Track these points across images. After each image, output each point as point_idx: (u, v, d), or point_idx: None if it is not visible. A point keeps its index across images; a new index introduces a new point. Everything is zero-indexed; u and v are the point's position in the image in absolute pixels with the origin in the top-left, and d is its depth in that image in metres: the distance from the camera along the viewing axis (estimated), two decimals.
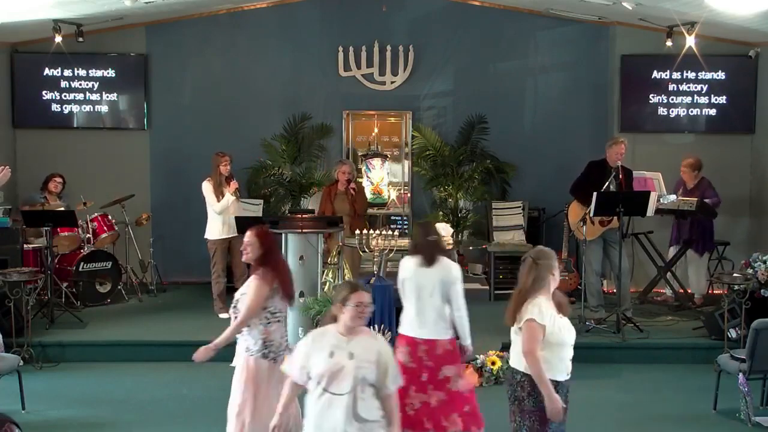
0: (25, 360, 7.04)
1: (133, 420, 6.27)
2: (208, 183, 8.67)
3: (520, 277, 4.46)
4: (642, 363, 7.63)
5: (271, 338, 4.68)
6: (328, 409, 3.90)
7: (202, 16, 10.43)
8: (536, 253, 4.46)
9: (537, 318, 4.28)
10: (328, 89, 10.51)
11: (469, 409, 5.35)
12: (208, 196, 8.65)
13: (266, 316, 4.68)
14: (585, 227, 8.02)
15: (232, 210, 8.67)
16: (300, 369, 4.02)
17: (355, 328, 4.00)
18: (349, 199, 8.92)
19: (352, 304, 3.96)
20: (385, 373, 3.96)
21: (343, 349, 3.94)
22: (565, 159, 9.97)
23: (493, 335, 7.72)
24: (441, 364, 5.29)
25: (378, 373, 3.94)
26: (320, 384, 3.93)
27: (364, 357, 3.92)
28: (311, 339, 4.06)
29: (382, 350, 4.01)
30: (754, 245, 9.39)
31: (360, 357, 3.92)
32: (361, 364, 3.90)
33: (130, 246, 9.75)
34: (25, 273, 7.57)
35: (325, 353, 3.94)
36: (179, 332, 8.00)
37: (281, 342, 4.74)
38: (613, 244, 8.16)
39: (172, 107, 10.52)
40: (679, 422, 6.34)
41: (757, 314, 6.70)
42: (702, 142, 10.14)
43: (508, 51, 10.60)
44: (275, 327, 4.71)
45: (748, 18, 7.90)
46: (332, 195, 8.99)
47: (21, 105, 10.28)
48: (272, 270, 4.71)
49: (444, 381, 5.29)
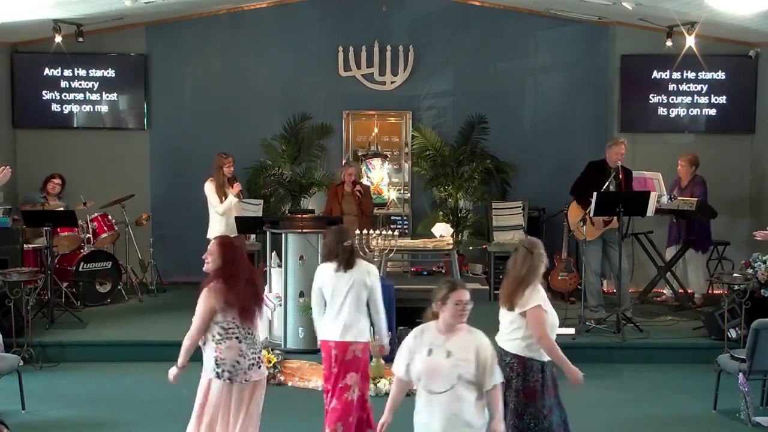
0: (25, 360, 7.03)
1: (133, 420, 6.27)
2: (210, 183, 8.61)
3: (512, 264, 4.66)
4: (642, 363, 7.62)
5: (224, 356, 4.53)
6: (429, 407, 3.94)
7: (202, 16, 10.43)
8: (529, 243, 4.66)
9: (543, 305, 4.49)
10: (328, 89, 10.51)
11: (353, 420, 5.24)
12: (210, 197, 8.60)
13: (218, 332, 4.55)
14: (585, 227, 8.02)
15: (234, 211, 8.68)
16: (405, 367, 4.06)
17: (455, 326, 4.00)
18: (356, 200, 8.98)
19: (452, 302, 3.99)
20: (484, 370, 3.95)
21: (441, 347, 3.97)
22: (565, 159, 9.97)
23: (493, 335, 7.71)
24: (347, 371, 5.23)
25: (477, 371, 3.94)
26: (421, 382, 3.98)
27: (461, 355, 3.93)
28: (413, 337, 4.09)
29: (480, 347, 3.99)
30: (754, 245, 9.36)
31: (457, 355, 3.93)
32: (458, 363, 3.92)
33: (130, 246, 9.74)
34: (25, 273, 7.56)
35: (424, 351, 3.98)
36: (179, 332, 7.86)
37: (238, 360, 4.53)
38: (613, 244, 8.16)
39: (172, 107, 10.52)
40: (679, 422, 6.34)
41: (757, 314, 6.69)
42: (702, 142, 10.14)
43: (508, 51, 10.60)
44: (229, 344, 4.54)
45: (748, 18, 7.90)
46: (339, 195, 9.06)
47: (21, 105, 10.28)
48: (225, 283, 4.53)
49: (344, 389, 5.22)
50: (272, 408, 5.30)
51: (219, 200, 8.56)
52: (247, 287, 4.59)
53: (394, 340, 6.51)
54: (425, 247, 8.50)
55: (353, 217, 8.78)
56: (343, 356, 5.24)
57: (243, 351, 4.55)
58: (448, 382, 3.90)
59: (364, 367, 5.34)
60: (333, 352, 5.28)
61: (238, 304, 4.53)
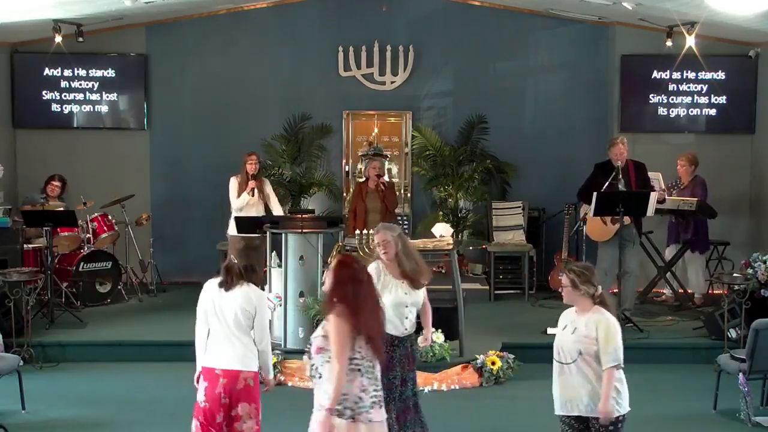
0: (25, 360, 7.03)
1: (133, 420, 6.27)
2: (234, 179, 8.85)
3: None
4: (642, 363, 7.60)
5: (344, 391, 3.96)
6: (560, 376, 4.45)
7: (202, 16, 10.43)
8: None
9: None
10: (328, 89, 10.51)
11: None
12: (230, 192, 8.81)
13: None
14: (585, 227, 8.00)
15: (252, 209, 8.72)
16: None
17: (587, 309, 4.43)
18: (380, 196, 9.00)
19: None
20: (603, 349, 4.31)
21: (572, 324, 4.44)
22: (565, 159, 9.97)
23: (493, 335, 7.74)
24: (238, 401, 4.61)
25: (596, 348, 4.32)
26: (556, 354, 4.48)
27: (583, 332, 4.35)
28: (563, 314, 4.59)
29: (603, 326, 4.34)
30: (754, 245, 9.39)
31: (580, 332, 4.37)
32: (580, 338, 4.35)
33: (130, 246, 9.74)
34: (25, 273, 7.56)
35: (561, 327, 4.51)
36: (179, 332, 7.96)
37: (362, 396, 3.98)
38: (628, 243, 8.10)
39: (172, 107, 10.51)
40: (679, 422, 6.34)
41: (757, 314, 6.69)
42: (702, 142, 10.14)
43: (508, 51, 10.59)
44: (350, 377, 3.96)
45: (748, 18, 7.90)
46: (363, 193, 9.09)
47: (21, 105, 10.27)
48: (349, 307, 3.98)
49: (235, 418, 4.62)
50: (272, 408, 5.31)
51: (237, 195, 8.76)
52: (372, 313, 4.09)
53: None
54: (425, 247, 8.44)
55: (378, 214, 8.81)
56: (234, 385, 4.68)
57: (365, 386, 4.01)
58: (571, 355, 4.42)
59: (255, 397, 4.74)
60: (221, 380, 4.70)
61: (365, 332, 4.00)
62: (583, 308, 4.43)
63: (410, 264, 5.09)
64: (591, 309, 4.41)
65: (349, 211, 9.32)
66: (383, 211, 8.93)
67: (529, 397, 6.56)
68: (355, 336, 3.96)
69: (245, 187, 8.75)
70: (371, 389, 4.02)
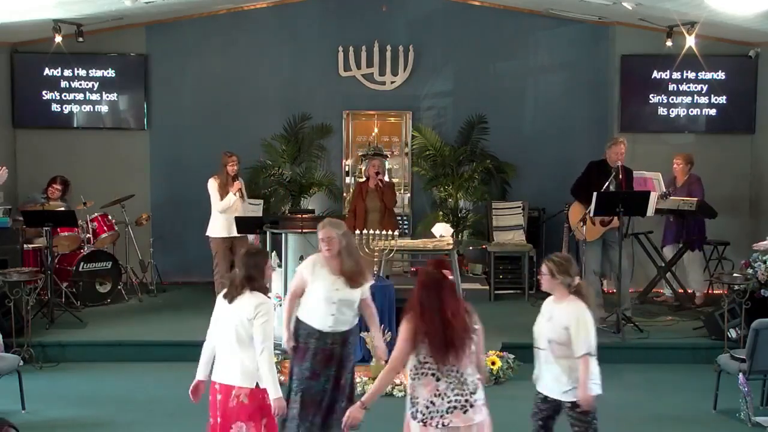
0: (25, 360, 7.03)
1: (133, 420, 6.27)
2: (213, 180, 8.81)
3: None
4: (642, 363, 7.62)
5: (416, 394, 4.04)
6: (536, 360, 4.69)
7: (202, 16, 10.43)
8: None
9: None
10: (328, 89, 10.51)
11: None
12: (211, 194, 8.79)
13: (415, 365, 4.07)
14: (585, 227, 8.02)
15: (236, 210, 8.72)
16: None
17: (563, 298, 4.57)
18: (379, 195, 9.00)
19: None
20: (574, 337, 4.44)
21: (549, 312, 4.62)
22: (565, 159, 9.97)
23: (493, 335, 7.71)
24: (231, 420, 4.44)
25: (567, 336, 4.46)
26: (535, 339, 4.69)
27: (557, 321, 4.51)
28: (545, 302, 4.74)
29: (574, 315, 4.47)
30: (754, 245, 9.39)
31: (554, 320, 4.53)
32: (554, 326, 4.52)
33: (130, 246, 9.74)
34: (25, 273, 7.56)
35: (541, 315, 4.68)
36: (179, 332, 7.99)
37: (433, 401, 4.00)
38: (613, 244, 8.16)
39: (172, 107, 10.51)
40: (679, 422, 6.34)
41: (757, 314, 6.69)
42: (702, 142, 10.15)
43: (508, 51, 10.60)
44: (423, 381, 4.03)
45: (748, 18, 7.90)
46: (364, 192, 9.10)
47: (21, 105, 10.27)
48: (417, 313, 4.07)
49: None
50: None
51: (219, 198, 8.70)
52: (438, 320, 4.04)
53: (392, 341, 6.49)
54: (425, 247, 8.47)
55: (377, 214, 8.85)
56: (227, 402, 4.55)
57: (441, 391, 4.01)
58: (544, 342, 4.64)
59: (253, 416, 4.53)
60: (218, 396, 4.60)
61: (429, 339, 4.02)
62: (559, 297, 4.60)
63: (350, 263, 5.11)
64: (567, 298, 4.56)
65: (349, 210, 9.33)
66: (383, 211, 8.94)
67: (529, 397, 6.49)
68: (419, 341, 4.02)
69: (226, 188, 8.74)
70: (451, 394, 4.01)
